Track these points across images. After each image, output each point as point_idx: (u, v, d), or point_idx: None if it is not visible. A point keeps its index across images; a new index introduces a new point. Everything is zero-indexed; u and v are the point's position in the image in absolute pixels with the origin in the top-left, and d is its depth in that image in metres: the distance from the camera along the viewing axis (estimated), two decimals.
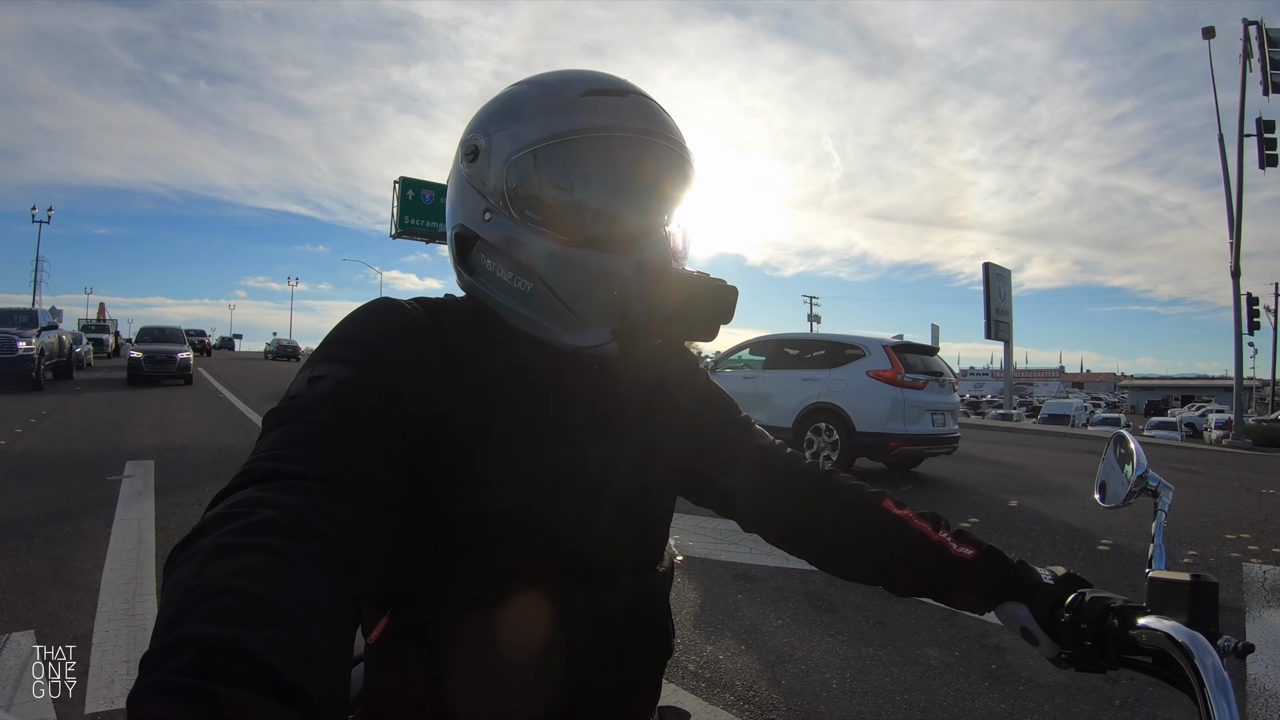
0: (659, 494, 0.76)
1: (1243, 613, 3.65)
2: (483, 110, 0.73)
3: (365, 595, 0.49)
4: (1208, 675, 0.58)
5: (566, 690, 0.66)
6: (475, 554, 0.64)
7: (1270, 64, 17.18)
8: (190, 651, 0.35)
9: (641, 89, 0.71)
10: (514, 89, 0.72)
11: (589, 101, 0.67)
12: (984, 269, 21.98)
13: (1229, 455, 13.29)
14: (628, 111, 0.68)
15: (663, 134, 0.69)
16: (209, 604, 0.38)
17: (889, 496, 0.81)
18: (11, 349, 13.04)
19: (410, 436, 0.59)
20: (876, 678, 2.85)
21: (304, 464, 0.51)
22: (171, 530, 4.46)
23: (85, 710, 2.36)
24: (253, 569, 0.40)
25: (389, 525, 0.54)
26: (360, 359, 0.60)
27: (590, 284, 0.66)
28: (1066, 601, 0.71)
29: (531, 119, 0.68)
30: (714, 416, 0.84)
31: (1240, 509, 6.61)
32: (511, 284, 0.68)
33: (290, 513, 0.46)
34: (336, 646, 0.42)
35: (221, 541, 0.42)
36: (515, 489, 0.64)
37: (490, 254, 0.69)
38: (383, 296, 0.68)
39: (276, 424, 0.55)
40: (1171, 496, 0.76)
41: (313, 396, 0.56)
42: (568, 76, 0.71)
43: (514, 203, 0.67)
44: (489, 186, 0.69)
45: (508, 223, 0.68)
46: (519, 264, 0.67)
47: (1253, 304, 19.05)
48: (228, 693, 0.33)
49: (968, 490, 7.15)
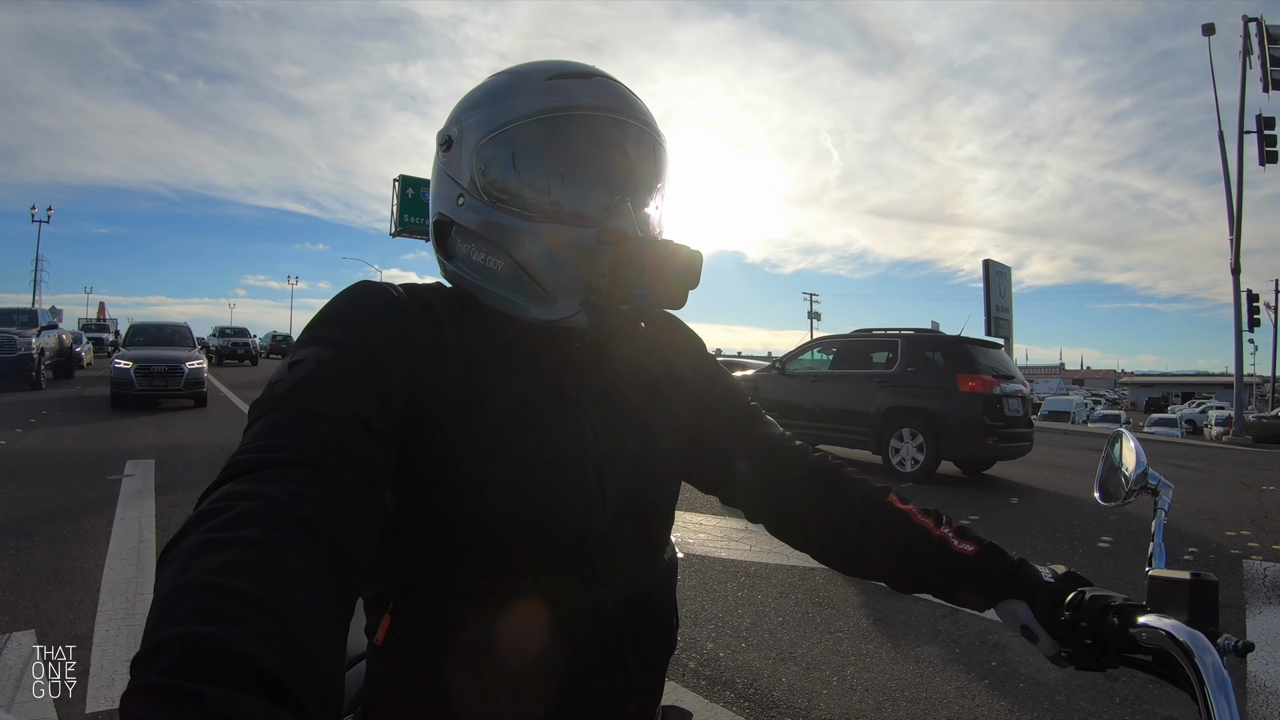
0: (663, 476, 0.76)
1: (1243, 609, 3.65)
2: (458, 103, 0.75)
3: (356, 579, 0.48)
4: (1208, 674, 0.57)
5: (568, 687, 0.66)
6: (467, 534, 0.63)
7: (1270, 60, 17.14)
8: (174, 652, 0.35)
9: (608, 73, 0.73)
10: (486, 80, 0.75)
11: (553, 85, 0.69)
12: (984, 266, 21.95)
13: (1229, 452, 13.30)
14: (589, 91, 0.70)
15: (625, 110, 0.70)
16: (189, 603, 0.38)
17: (893, 491, 0.81)
18: (11, 349, 13.04)
19: (396, 409, 0.59)
20: (877, 675, 2.85)
21: (286, 451, 0.50)
22: (172, 529, 4.42)
23: (86, 710, 2.36)
24: (233, 564, 0.40)
25: (379, 503, 0.54)
26: (341, 337, 0.60)
27: (556, 257, 0.68)
28: (1066, 599, 0.71)
29: (498, 104, 0.70)
30: (722, 403, 0.83)
31: (1240, 506, 6.61)
32: (485, 264, 0.70)
33: (271, 503, 0.45)
34: (323, 635, 0.41)
35: (203, 538, 0.42)
36: (503, 461, 0.64)
37: (466, 237, 0.71)
38: (364, 280, 0.68)
39: (259, 415, 0.55)
40: (1171, 495, 0.76)
41: (292, 381, 0.56)
42: (537, 64, 0.73)
43: (484, 186, 0.70)
44: (462, 174, 0.71)
45: (479, 205, 0.70)
46: (491, 244, 0.69)
47: (1253, 301, 19.05)
48: (212, 691, 0.33)
49: (968, 487, 7.16)
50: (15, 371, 13.01)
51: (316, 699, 0.38)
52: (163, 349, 12.28)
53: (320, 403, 0.54)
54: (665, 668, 0.76)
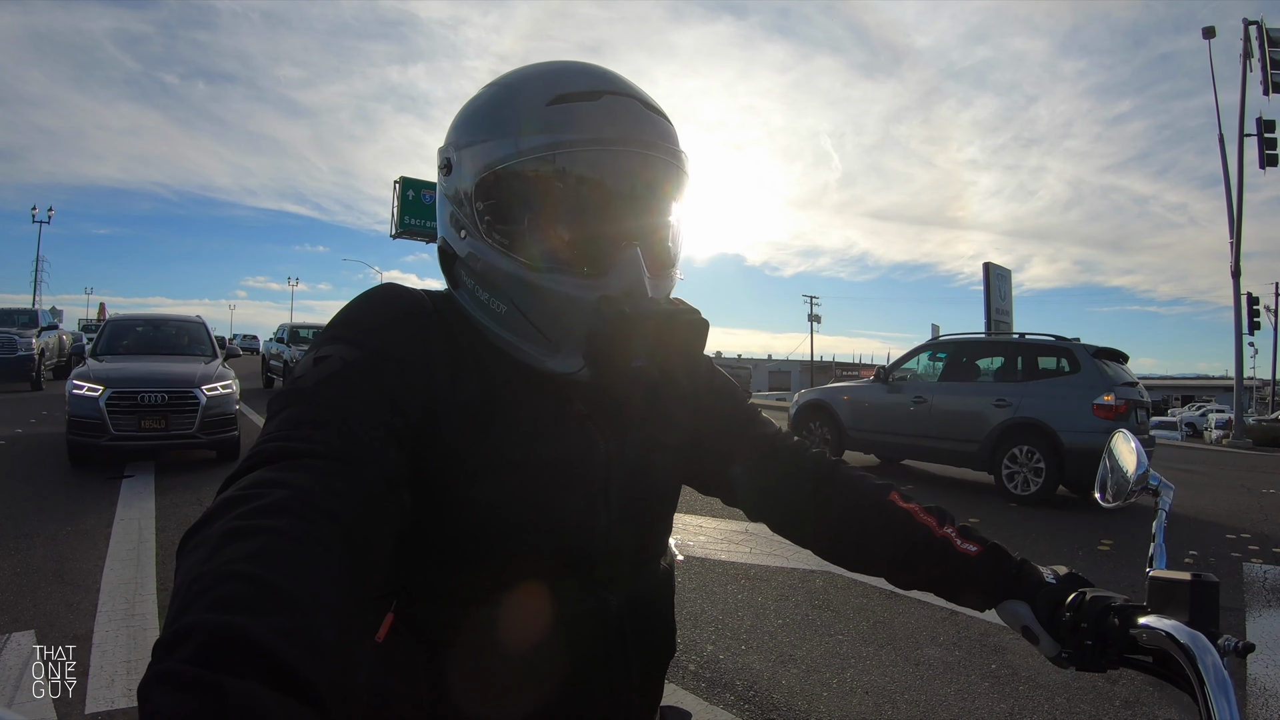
0: (663, 486, 0.76)
1: (1243, 612, 3.65)
2: (456, 118, 0.70)
3: (378, 575, 0.48)
4: (1208, 675, 0.58)
5: (569, 689, 0.66)
6: (477, 546, 0.64)
7: (1270, 63, 17.18)
8: (196, 640, 0.35)
9: (618, 84, 0.66)
10: (481, 93, 0.69)
11: (556, 112, 0.63)
12: (984, 269, 21.94)
13: (1229, 455, 13.30)
14: (598, 119, 0.63)
15: (639, 141, 0.64)
16: (215, 591, 0.38)
17: (895, 489, 0.81)
18: (12, 349, 13.04)
19: (413, 419, 0.59)
20: (877, 677, 2.85)
21: (312, 443, 0.50)
22: (172, 530, 4.45)
23: (85, 710, 2.36)
24: (260, 553, 0.40)
25: (399, 504, 0.54)
26: (366, 341, 0.60)
27: (558, 311, 0.64)
28: (1068, 600, 0.71)
29: (494, 134, 0.64)
30: (720, 404, 0.83)
31: (1240, 509, 6.61)
32: (489, 305, 0.66)
33: (300, 493, 0.45)
34: (345, 631, 0.41)
35: (231, 525, 0.42)
36: (519, 476, 0.64)
37: (468, 272, 0.67)
38: (390, 282, 0.68)
39: (284, 406, 0.55)
40: (1172, 496, 0.76)
41: (318, 377, 0.56)
42: (537, 77, 0.66)
43: (483, 224, 0.65)
44: (462, 204, 0.67)
45: (479, 244, 0.66)
46: (493, 285, 0.66)
47: (1253, 304, 19.08)
48: (233, 683, 0.33)
49: (968, 488, 7.15)
50: (15, 372, 13.01)
51: (337, 696, 0.38)
52: (160, 361, 7.14)
53: (344, 401, 0.55)
54: (665, 669, 0.76)
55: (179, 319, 8.57)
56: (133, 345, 7.67)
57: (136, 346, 7.66)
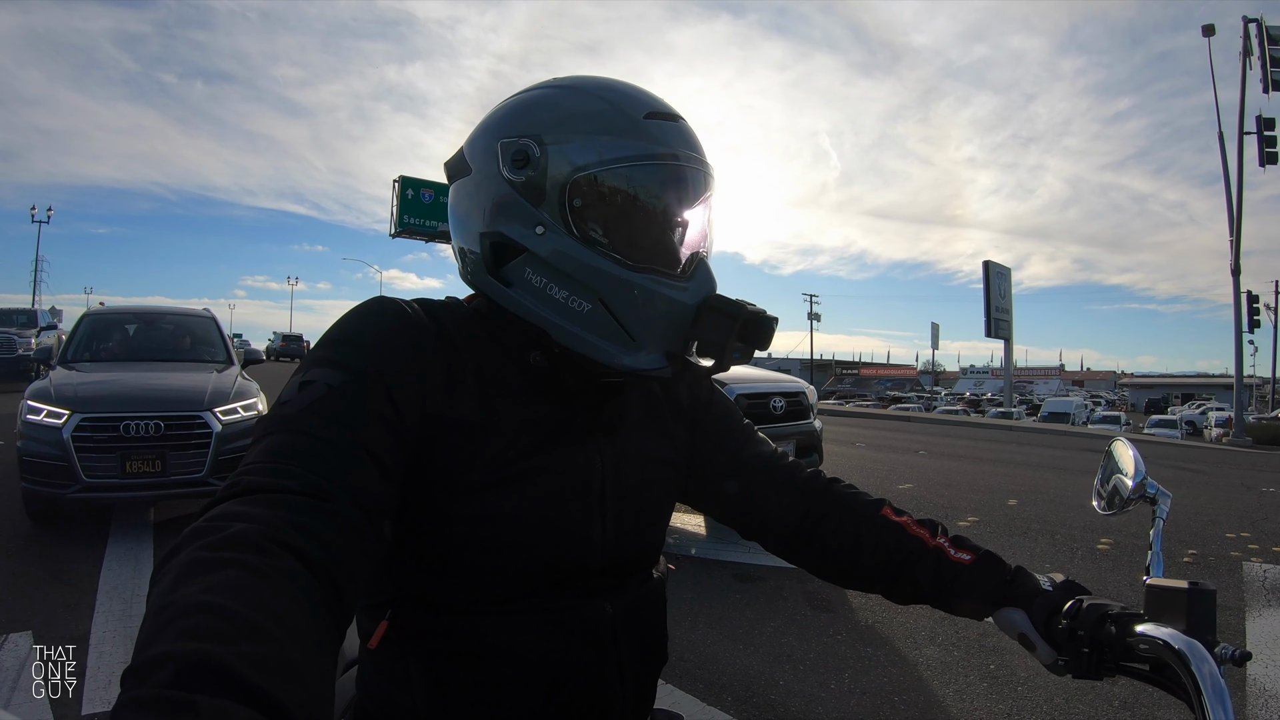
0: (658, 498, 0.76)
1: (1243, 612, 3.64)
2: (525, 113, 0.69)
3: (347, 608, 0.48)
4: (1205, 683, 0.57)
5: (562, 698, 0.66)
6: (472, 557, 0.64)
7: (1270, 61, 17.16)
8: (169, 668, 0.35)
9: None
10: (562, 95, 0.69)
11: (652, 125, 0.67)
12: (984, 267, 22.00)
13: (1229, 453, 13.30)
14: (680, 138, 0.68)
15: (701, 159, 0.70)
16: (182, 621, 0.38)
17: (888, 504, 0.81)
18: (11, 349, 13.05)
19: (406, 438, 0.59)
20: (875, 678, 2.84)
21: (287, 477, 0.50)
22: (170, 531, 4.45)
23: (82, 711, 2.36)
24: (224, 584, 0.41)
25: (376, 535, 0.54)
26: (353, 362, 0.59)
27: (652, 309, 0.66)
28: (1064, 608, 0.71)
29: (599, 136, 0.66)
30: (717, 423, 0.84)
31: (1240, 507, 6.61)
32: (566, 303, 0.66)
33: (265, 527, 0.45)
34: (312, 660, 0.42)
35: (195, 556, 0.43)
36: (516, 491, 0.64)
37: (539, 269, 0.66)
38: (380, 295, 0.67)
39: (265, 433, 0.55)
40: (1169, 503, 0.76)
41: (302, 404, 0.56)
42: (624, 94, 0.69)
43: (576, 220, 0.65)
44: (545, 199, 0.65)
45: (566, 239, 0.65)
46: (576, 283, 0.65)
47: (1253, 302, 19.07)
48: (207, 701, 0.34)
49: (967, 489, 7.15)
50: (15, 372, 13.03)
51: (305, 715, 0.38)
52: (155, 371, 5.00)
53: (326, 429, 0.54)
54: (657, 678, 0.77)
55: (180, 312, 6.16)
56: (118, 349, 5.53)
57: (123, 351, 5.51)
